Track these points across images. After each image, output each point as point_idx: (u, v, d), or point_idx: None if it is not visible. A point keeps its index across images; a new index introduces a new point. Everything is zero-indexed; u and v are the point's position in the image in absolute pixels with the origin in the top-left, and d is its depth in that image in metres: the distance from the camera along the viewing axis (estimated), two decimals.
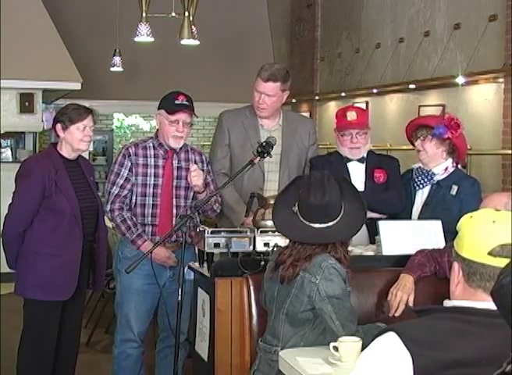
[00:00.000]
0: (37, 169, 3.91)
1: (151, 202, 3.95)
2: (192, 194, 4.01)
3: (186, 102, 3.92)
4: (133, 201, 3.95)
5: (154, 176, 3.96)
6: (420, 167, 4.00)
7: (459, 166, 4.17)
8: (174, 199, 3.97)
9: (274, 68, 4.13)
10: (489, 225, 1.83)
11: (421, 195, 3.97)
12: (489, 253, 1.79)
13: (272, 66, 4.18)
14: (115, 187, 3.94)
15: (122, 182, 3.94)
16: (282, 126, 4.26)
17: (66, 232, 3.92)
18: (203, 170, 3.99)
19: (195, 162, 4.01)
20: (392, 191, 4.04)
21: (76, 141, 3.95)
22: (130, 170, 3.94)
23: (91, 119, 3.98)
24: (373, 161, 4.15)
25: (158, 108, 4.00)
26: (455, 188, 3.88)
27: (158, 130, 4.06)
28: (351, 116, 4.07)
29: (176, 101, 3.91)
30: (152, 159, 3.97)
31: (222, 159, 4.21)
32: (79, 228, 3.95)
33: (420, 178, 3.97)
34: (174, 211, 3.96)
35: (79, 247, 3.95)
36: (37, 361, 4.01)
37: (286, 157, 4.21)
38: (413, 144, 4.07)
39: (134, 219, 3.93)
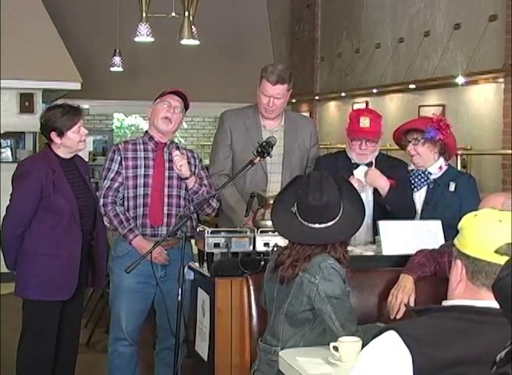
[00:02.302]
0: (34, 171, 3.91)
1: (142, 192, 3.95)
2: (185, 184, 4.01)
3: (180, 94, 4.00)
4: (126, 195, 3.96)
5: (145, 167, 3.97)
6: (414, 169, 4.00)
7: (458, 167, 4.17)
8: (166, 188, 3.96)
9: (279, 69, 4.07)
10: (496, 224, 1.83)
11: (419, 197, 3.96)
12: (496, 251, 1.78)
13: (276, 67, 4.12)
14: (106, 181, 3.97)
15: (112, 175, 3.97)
16: (284, 127, 4.23)
17: (65, 231, 3.92)
18: (195, 166, 4.03)
19: (187, 158, 4.01)
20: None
21: (75, 143, 4.00)
22: (120, 164, 3.97)
23: (81, 117, 4.02)
24: (382, 167, 3.96)
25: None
26: (452, 185, 3.89)
27: (147, 131, 4.08)
28: (364, 122, 3.86)
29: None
30: (142, 152, 4.00)
31: (223, 160, 4.18)
32: (78, 227, 3.95)
33: (417, 179, 3.97)
34: (165, 200, 3.95)
35: (78, 246, 3.96)
36: (36, 361, 4.01)
37: (288, 158, 4.19)
38: (401, 148, 4.07)
39: (127, 213, 3.93)
